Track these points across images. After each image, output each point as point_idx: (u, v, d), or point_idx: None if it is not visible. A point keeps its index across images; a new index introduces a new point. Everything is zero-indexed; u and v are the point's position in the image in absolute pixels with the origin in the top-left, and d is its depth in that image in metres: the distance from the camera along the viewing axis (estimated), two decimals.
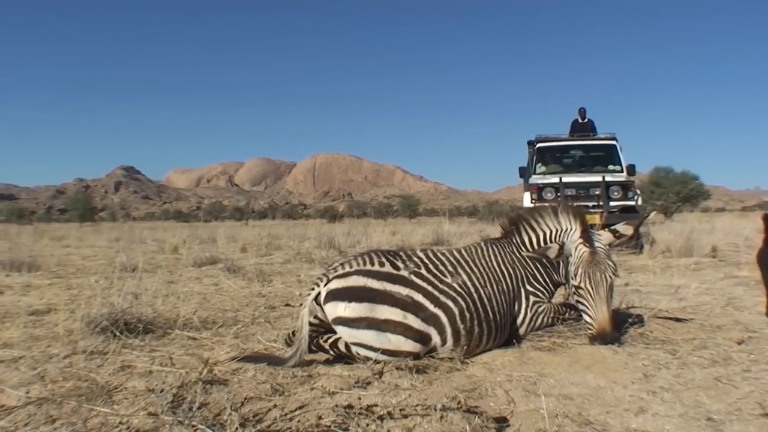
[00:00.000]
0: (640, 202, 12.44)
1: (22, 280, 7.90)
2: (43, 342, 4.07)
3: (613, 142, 13.62)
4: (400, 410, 2.61)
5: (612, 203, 11.93)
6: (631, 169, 13.10)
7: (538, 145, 13.99)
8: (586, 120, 14.81)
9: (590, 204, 11.90)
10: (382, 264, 3.59)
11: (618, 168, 13.12)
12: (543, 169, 13.69)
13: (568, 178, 12.47)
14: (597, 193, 11.97)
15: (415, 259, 3.76)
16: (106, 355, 3.68)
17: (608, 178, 12.20)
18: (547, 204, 4.37)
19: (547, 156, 14.02)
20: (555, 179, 12.41)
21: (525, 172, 13.80)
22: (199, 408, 2.63)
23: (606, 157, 13.56)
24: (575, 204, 4.09)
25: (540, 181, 12.60)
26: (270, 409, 2.67)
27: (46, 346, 3.95)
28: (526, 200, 12.72)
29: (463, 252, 4.03)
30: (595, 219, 11.14)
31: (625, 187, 12.08)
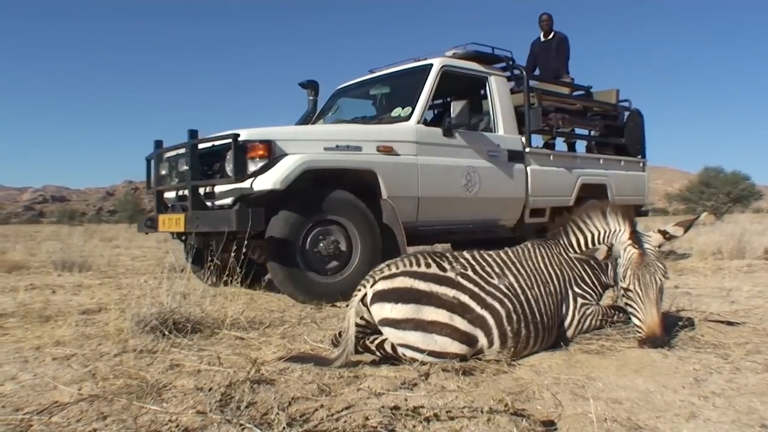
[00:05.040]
0: (280, 177, 5.45)
1: (74, 280, 8.08)
2: (94, 340, 4.15)
3: (430, 62, 6.95)
4: (447, 412, 2.60)
5: (221, 188, 5.96)
6: (461, 115, 6.44)
7: (338, 87, 8.52)
8: (552, 35, 8.94)
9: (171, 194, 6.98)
10: (428, 265, 3.57)
11: (408, 112, 6.56)
12: (320, 122, 8.03)
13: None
14: (185, 169, 6.13)
15: (462, 260, 3.73)
16: (156, 353, 3.74)
17: (205, 138, 6.14)
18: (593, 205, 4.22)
19: (341, 103, 8.32)
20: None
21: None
22: (246, 407, 2.66)
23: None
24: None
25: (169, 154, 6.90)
26: (317, 409, 2.67)
27: (97, 344, 4.03)
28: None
29: (510, 253, 3.99)
30: (170, 223, 6.22)
31: (244, 151, 5.51)
